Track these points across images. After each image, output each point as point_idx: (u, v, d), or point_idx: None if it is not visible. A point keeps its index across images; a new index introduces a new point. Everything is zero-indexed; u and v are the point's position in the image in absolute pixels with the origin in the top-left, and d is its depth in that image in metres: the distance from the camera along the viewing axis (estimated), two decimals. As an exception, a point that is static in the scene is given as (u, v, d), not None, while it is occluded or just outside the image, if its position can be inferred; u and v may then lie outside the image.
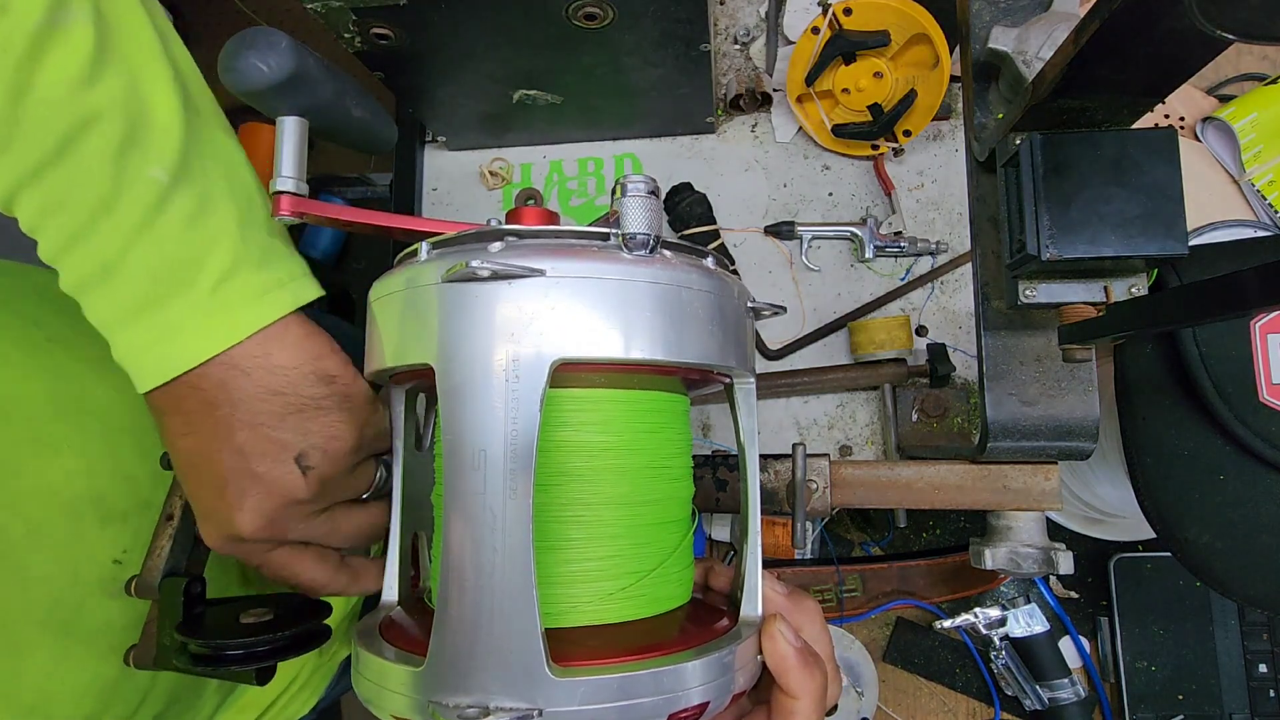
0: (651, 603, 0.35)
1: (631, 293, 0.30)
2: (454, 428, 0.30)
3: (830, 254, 0.69)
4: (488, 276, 0.29)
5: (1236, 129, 0.74)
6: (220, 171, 0.37)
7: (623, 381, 0.34)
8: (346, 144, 0.42)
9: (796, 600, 0.37)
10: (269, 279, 0.37)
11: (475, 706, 0.28)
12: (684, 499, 0.38)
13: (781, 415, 0.67)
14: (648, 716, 0.29)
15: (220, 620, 0.40)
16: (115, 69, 0.34)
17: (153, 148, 0.35)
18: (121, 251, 0.34)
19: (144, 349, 0.36)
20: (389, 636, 0.34)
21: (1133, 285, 0.39)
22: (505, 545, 0.29)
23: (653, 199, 0.32)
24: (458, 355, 0.30)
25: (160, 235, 0.35)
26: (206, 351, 0.35)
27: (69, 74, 0.33)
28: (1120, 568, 0.74)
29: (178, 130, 0.36)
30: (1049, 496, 0.46)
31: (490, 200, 0.74)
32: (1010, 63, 0.42)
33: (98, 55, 0.33)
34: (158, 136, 0.35)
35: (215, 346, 0.35)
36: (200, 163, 0.36)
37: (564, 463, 0.33)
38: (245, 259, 0.36)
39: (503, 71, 0.61)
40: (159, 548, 0.41)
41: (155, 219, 0.35)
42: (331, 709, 0.65)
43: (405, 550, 0.40)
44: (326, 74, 0.37)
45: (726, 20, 0.73)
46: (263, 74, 0.34)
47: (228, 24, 0.95)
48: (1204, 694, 0.71)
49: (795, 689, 0.33)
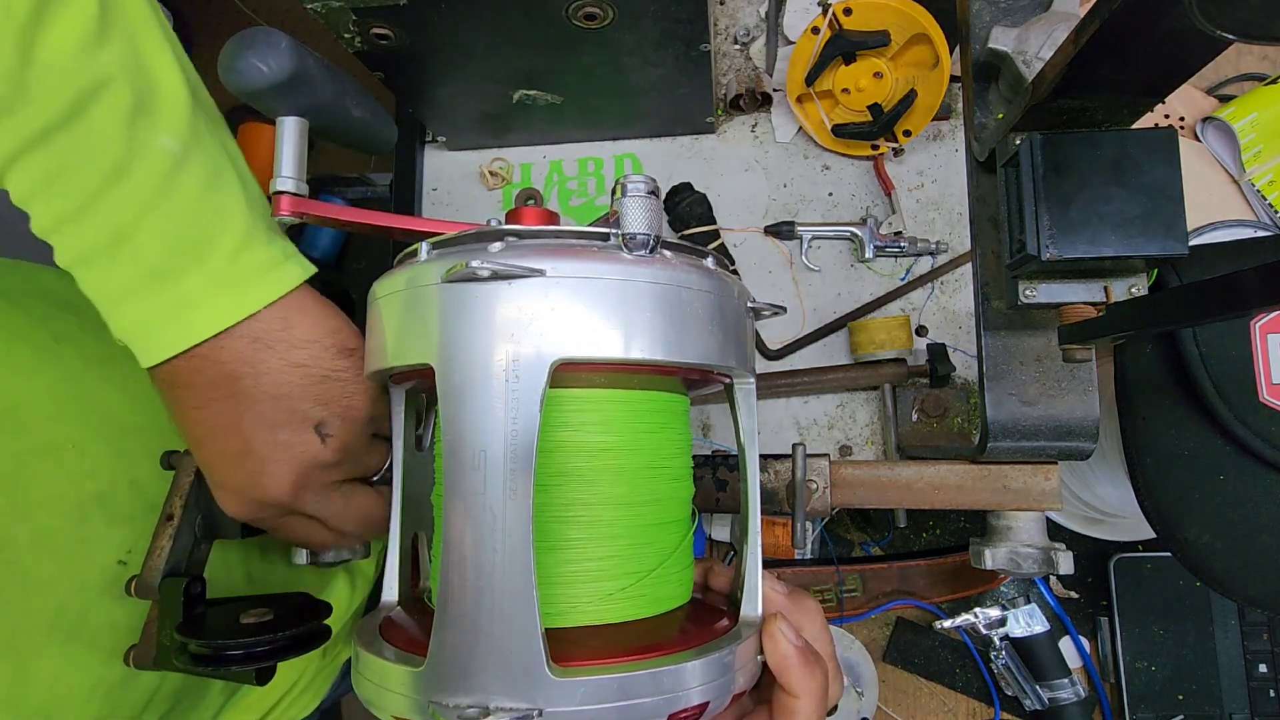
0: (651, 603, 0.35)
1: (631, 293, 0.30)
2: (454, 428, 0.30)
3: (830, 254, 0.69)
4: (488, 276, 0.29)
5: (1236, 129, 0.74)
6: (221, 143, 0.38)
7: (623, 381, 0.34)
8: (346, 144, 0.42)
9: (797, 600, 0.37)
10: (278, 251, 0.37)
11: (475, 707, 0.28)
12: (684, 499, 0.38)
13: (781, 415, 0.67)
14: (648, 717, 0.29)
15: (220, 620, 0.40)
16: (119, 35, 0.34)
17: (162, 116, 0.35)
18: (135, 220, 0.34)
19: (158, 321, 0.35)
20: (389, 637, 0.34)
21: (1133, 285, 0.39)
22: (505, 545, 0.29)
23: (653, 199, 0.32)
24: (458, 355, 0.30)
25: (175, 204, 0.34)
26: (226, 321, 0.35)
27: (75, 38, 0.32)
28: (1120, 568, 0.74)
29: (185, 99, 0.36)
30: (1049, 496, 0.46)
31: (490, 200, 0.74)
32: (1010, 63, 0.42)
33: (101, 21, 0.33)
34: (165, 105, 0.35)
35: (234, 316, 0.36)
36: (205, 133, 0.37)
37: (564, 463, 0.33)
38: (256, 231, 0.37)
39: (503, 71, 0.61)
40: (159, 548, 0.41)
41: (169, 188, 0.34)
42: (332, 710, 0.65)
43: (405, 550, 0.40)
44: (326, 74, 0.37)
45: (726, 20, 0.73)
46: (263, 74, 0.34)
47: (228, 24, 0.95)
48: (1204, 694, 0.71)
49: (796, 688, 0.33)
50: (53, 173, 0.33)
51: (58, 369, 0.43)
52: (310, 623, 0.40)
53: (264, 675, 0.39)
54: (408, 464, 0.40)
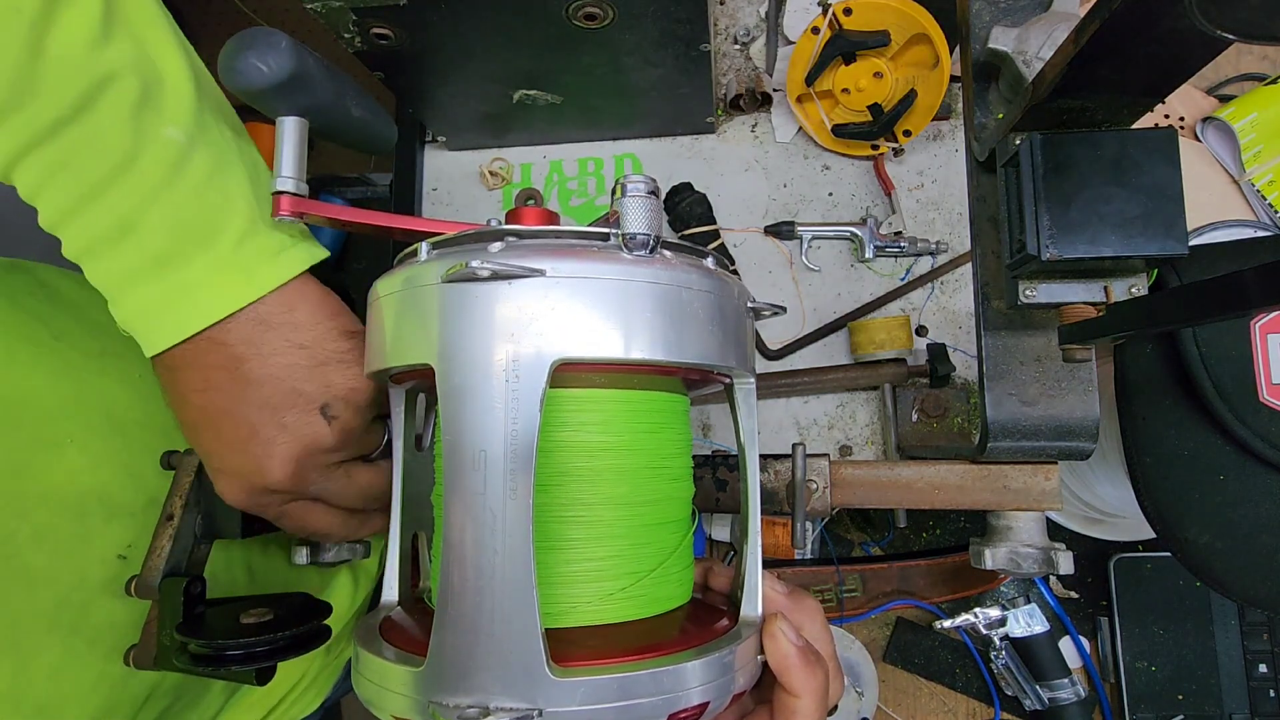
0: (651, 603, 0.35)
1: (631, 293, 0.30)
2: (454, 428, 0.30)
3: (830, 254, 0.69)
4: (488, 276, 0.29)
5: (1236, 129, 0.74)
6: (229, 133, 0.38)
7: (623, 382, 0.34)
8: (346, 144, 0.42)
9: (797, 599, 0.37)
10: (283, 237, 0.38)
11: (475, 706, 0.28)
12: (684, 499, 0.38)
13: (781, 415, 0.67)
14: (647, 716, 0.29)
15: (220, 620, 0.40)
16: (124, 30, 0.34)
17: (167, 108, 0.35)
18: (140, 209, 0.35)
19: (162, 306, 0.36)
20: (389, 637, 0.34)
21: (1133, 285, 0.39)
22: (505, 545, 0.29)
23: (653, 199, 0.32)
24: (458, 355, 0.30)
25: (181, 193, 0.35)
26: (232, 305, 0.36)
27: (82, 33, 0.33)
28: (1120, 568, 0.74)
29: (190, 91, 0.36)
30: (1049, 496, 0.46)
31: (490, 200, 0.74)
32: (1010, 63, 0.42)
33: (106, 16, 0.34)
34: (170, 97, 0.36)
35: (241, 300, 0.36)
36: (211, 124, 0.37)
37: (564, 463, 0.33)
38: (261, 217, 0.37)
39: (503, 71, 0.61)
40: (159, 548, 0.41)
41: (175, 177, 0.35)
42: (332, 710, 0.65)
43: (405, 550, 0.40)
44: (326, 74, 0.37)
45: (726, 20, 0.73)
46: (263, 74, 0.34)
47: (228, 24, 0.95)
48: (1204, 694, 0.71)
49: (797, 688, 0.33)
50: (60, 166, 0.34)
51: (58, 365, 0.44)
52: (310, 622, 0.40)
53: (264, 675, 0.39)
54: (408, 464, 0.40)
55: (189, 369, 0.37)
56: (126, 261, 0.35)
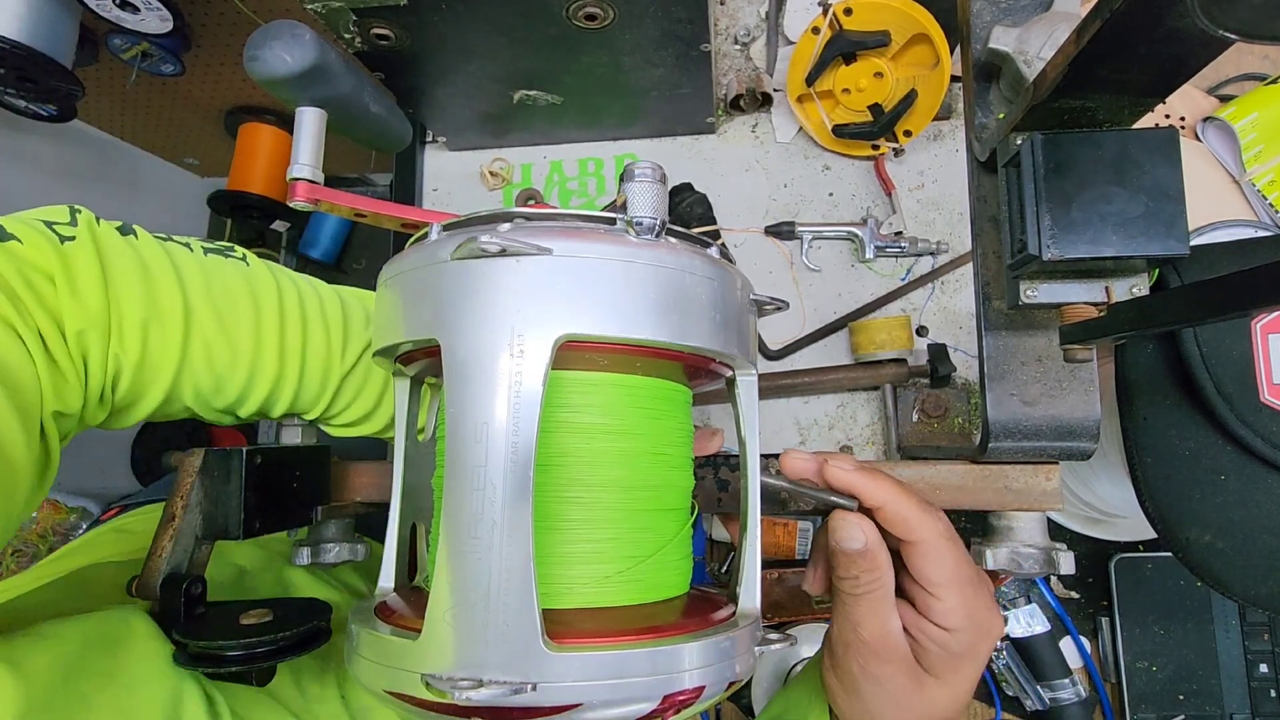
0: (649, 589, 0.35)
1: (636, 274, 0.31)
2: (458, 401, 0.30)
3: (830, 254, 0.69)
4: (496, 252, 0.29)
5: (1237, 129, 0.74)
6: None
7: (625, 365, 0.34)
8: (362, 140, 0.42)
9: (869, 474, 0.39)
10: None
11: (469, 680, 0.27)
12: (683, 488, 0.38)
13: (782, 415, 0.67)
14: (641, 696, 0.29)
15: (220, 621, 0.40)
16: (355, 335, 0.47)
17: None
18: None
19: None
20: (384, 618, 0.35)
21: (1134, 285, 0.39)
22: (505, 517, 0.29)
23: (660, 185, 0.32)
24: (464, 330, 0.30)
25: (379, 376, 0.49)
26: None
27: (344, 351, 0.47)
28: (1121, 568, 0.74)
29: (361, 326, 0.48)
30: (1050, 497, 0.46)
31: (490, 200, 0.74)
32: (1011, 63, 0.42)
33: (344, 331, 0.47)
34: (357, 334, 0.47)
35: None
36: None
37: (565, 443, 0.33)
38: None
39: (503, 72, 0.61)
40: (160, 548, 0.40)
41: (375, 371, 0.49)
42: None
43: (404, 539, 0.40)
44: (346, 69, 0.38)
45: (726, 20, 0.73)
46: (285, 64, 0.35)
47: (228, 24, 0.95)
48: (1205, 694, 0.71)
49: (917, 530, 0.36)
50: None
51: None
52: (310, 623, 0.40)
53: (264, 676, 0.39)
54: (408, 453, 0.40)
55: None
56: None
